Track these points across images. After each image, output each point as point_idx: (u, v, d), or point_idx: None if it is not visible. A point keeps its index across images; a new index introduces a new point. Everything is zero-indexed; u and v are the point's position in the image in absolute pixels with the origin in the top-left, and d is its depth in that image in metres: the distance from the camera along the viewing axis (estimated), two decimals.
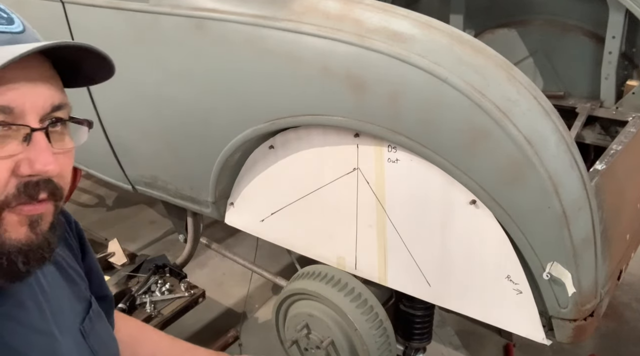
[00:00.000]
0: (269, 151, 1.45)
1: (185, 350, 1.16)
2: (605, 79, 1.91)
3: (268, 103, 1.34)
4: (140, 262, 2.04)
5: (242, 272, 2.37)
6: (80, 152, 2.27)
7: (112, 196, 3.26)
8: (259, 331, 2.26)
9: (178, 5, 1.40)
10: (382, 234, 1.36)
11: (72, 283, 0.85)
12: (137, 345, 1.09)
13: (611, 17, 1.82)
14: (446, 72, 1.09)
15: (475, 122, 1.09)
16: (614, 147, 1.50)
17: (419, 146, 1.16)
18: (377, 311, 1.42)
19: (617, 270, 1.34)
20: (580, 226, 1.12)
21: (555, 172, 1.08)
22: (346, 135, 1.30)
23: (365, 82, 1.17)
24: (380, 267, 1.41)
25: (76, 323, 0.81)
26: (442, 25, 1.17)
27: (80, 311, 0.84)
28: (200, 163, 1.57)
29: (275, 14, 1.26)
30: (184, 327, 2.18)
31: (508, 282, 1.20)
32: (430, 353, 1.69)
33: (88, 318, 0.84)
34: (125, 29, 1.54)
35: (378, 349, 1.41)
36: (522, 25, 2.14)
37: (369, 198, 1.33)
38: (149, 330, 1.17)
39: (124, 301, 1.83)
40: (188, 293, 1.95)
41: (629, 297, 2.36)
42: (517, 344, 2.11)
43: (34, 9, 1.76)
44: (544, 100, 1.12)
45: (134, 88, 1.62)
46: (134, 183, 1.88)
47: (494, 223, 1.17)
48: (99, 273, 0.99)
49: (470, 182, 1.14)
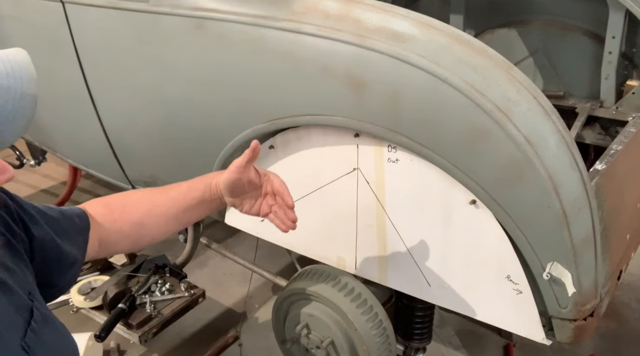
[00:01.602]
0: (269, 151, 1.45)
1: (183, 193, 1.15)
2: (605, 79, 1.91)
3: (268, 104, 1.34)
4: (140, 262, 2.04)
5: (242, 272, 2.37)
6: (81, 152, 2.28)
7: None
8: (259, 331, 2.26)
9: (178, 5, 1.40)
10: (382, 234, 1.36)
11: (8, 293, 0.78)
12: (141, 229, 1.11)
13: (611, 17, 1.82)
14: (446, 72, 1.09)
15: (475, 122, 1.09)
16: (614, 147, 1.50)
17: (419, 146, 1.16)
18: (377, 311, 1.42)
19: (617, 270, 1.34)
20: (580, 226, 1.12)
21: (555, 172, 1.08)
22: (346, 135, 1.30)
23: (365, 82, 1.17)
24: (380, 267, 1.41)
25: (17, 340, 0.75)
26: (442, 25, 1.17)
27: (21, 324, 0.77)
28: (200, 163, 1.57)
29: (275, 14, 1.26)
30: (184, 327, 2.18)
31: (508, 282, 1.20)
32: (430, 353, 1.69)
33: (30, 330, 0.78)
34: (125, 29, 1.54)
35: (378, 349, 1.41)
36: (522, 25, 2.14)
37: (369, 198, 1.33)
38: (139, 208, 1.14)
39: (124, 301, 1.83)
40: (188, 293, 1.94)
41: (629, 297, 2.36)
42: (517, 344, 2.11)
43: (34, 9, 1.76)
44: (544, 100, 1.12)
45: (134, 88, 1.62)
46: (134, 183, 1.88)
47: (494, 223, 1.17)
48: (60, 231, 0.95)
49: (470, 182, 1.14)
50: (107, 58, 1.65)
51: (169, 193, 1.16)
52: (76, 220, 1.03)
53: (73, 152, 2.10)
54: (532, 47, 2.13)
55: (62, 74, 1.81)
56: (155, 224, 1.14)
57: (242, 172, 1.10)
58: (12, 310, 0.77)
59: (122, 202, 1.14)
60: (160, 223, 1.14)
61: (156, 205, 1.14)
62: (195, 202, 1.15)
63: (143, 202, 1.15)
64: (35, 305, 0.82)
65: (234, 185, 1.12)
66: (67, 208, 1.05)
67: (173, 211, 1.14)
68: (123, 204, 1.14)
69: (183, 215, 1.15)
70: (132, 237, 1.13)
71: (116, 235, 1.10)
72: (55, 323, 0.86)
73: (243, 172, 1.10)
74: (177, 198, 1.15)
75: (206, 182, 1.15)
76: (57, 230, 0.97)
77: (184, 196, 1.15)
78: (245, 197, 1.16)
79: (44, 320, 0.82)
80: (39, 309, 0.82)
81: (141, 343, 1.83)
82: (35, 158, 2.75)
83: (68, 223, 1.01)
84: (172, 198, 1.15)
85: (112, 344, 2.15)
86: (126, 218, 1.11)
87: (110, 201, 1.14)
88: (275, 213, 1.16)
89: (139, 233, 1.13)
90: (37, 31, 1.81)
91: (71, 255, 0.99)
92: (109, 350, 2.14)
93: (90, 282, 1.97)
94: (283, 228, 1.15)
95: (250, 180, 1.13)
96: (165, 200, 1.15)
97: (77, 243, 1.02)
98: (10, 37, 1.86)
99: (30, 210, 0.93)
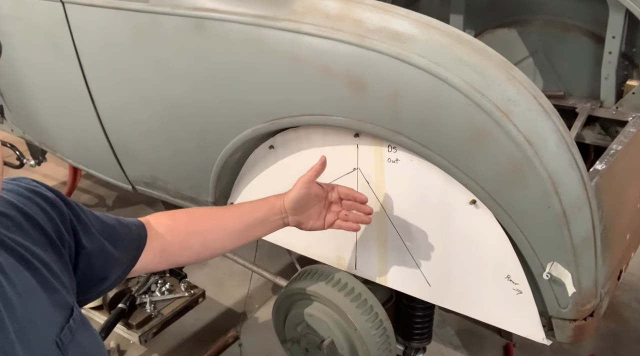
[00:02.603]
0: (269, 151, 1.45)
1: (247, 211, 1.22)
2: (605, 79, 1.91)
3: (268, 103, 1.34)
4: None
5: (242, 272, 2.37)
6: (81, 152, 2.28)
7: (112, 196, 3.26)
8: (259, 331, 2.26)
9: (178, 5, 1.40)
10: (382, 234, 1.36)
11: (50, 291, 0.80)
12: (205, 242, 1.17)
13: (611, 17, 1.81)
14: (446, 72, 1.09)
15: (475, 122, 1.09)
16: (614, 147, 1.50)
17: (419, 146, 1.16)
18: (377, 311, 1.42)
19: (617, 270, 1.34)
20: (580, 226, 1.12)
21: (555, 172, 1.08)
22: (346, 135, 1.30)
23: (365, 82, 1.17)
24: (380, 267, 1.41)
25: (52, 335, 0.76)
26: (442, 25, 1.17)
27: (59, 320, 0.79)
28: (200, 163, 1.57)
29: (275, 14, 1.26)
30: (184, 327, 2.18)
31: (508, 282, 1.20)
32: (430, 353, 1.69)
33: (67, 327, 0.79)
34: (125, 29, 1.54)
35: (378, 349, 1.41)
36: (522, 25, 2.14)
37: (369, 198, 1.33)
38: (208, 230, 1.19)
39: (124, 301, 1.83)
40: (188, 293, 1.95)
41: (629, 297, 2.36)
42: (517, 344, 2.11)
43: (34, 9, 1.76)
44: (544, 100, 1.12)
45: (134, 88, 1.62)
46: (134, 183, 1.88)
47: (494, 223, 1.17)
48: (113, 238, 0.97)
49: (470, 182, 1.14)
50: (107, 58, 1.64)
51: (233, 211, 1.24)
52: (133, 228, 1.05)
53: (73, 152, 2.10)
54: (532, 47, 2.13)
55: (62, 74, 1.81)
56: (219, 238, 1.19)
57: (310, 186, 1.18)
58: (51, 306, 0.79)
59: (188, 215, 1.21)
60: (224, 238, 1.19)
61: (221, 220, 1.20)
62: (258, 222, 1.21)
63: (208, 216, 1.21)
64: (75, 306, 0.84)
65: (303, 201, 1.19)
66: (126, 219, 1.08)
67: (237, 227, 1.20)
68: (188, 217, 1.19)
69: (246, 231, 1.21)
70: (195, 248, 1.16)
71: (179, 246, 1.14)
72: (90, 327, 0.87)
73: (311, 187, 1.18)
74: (242, 215, 1.21)
75: (270, 201, 1.22)
76: (111, 236, 0.98)
77: (248, 214, 1.21)
78: (310, 213, 1.23)
79: (82, 322, 0.83)
80: (77, 311, 0.83)
81: (141, 343, 1.83)
82: (35, 158, 2.75)
83: (125, 229, 1.04)
84: (236, 215, 1.21)
85: (112, 344, 2.15)
86: (191, 230, 1.16)
87: (176, 213, 1.18)
88: (345, 216, 1.24)
89: (203, 245, 1.17)
90: (37, 31, 1.81)
91: (121, 261, 1.01)
92: (109, 350, 2.14)
93: None
94: (355, 227, 1.25)
95: (317, 193, 1.21)
96: (230, 217, 1.21)
97: (129, 250, 1.04)
98: (10, 37, 1.86)
99: (86, 219, 0.94)
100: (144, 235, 1.07)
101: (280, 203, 1.21)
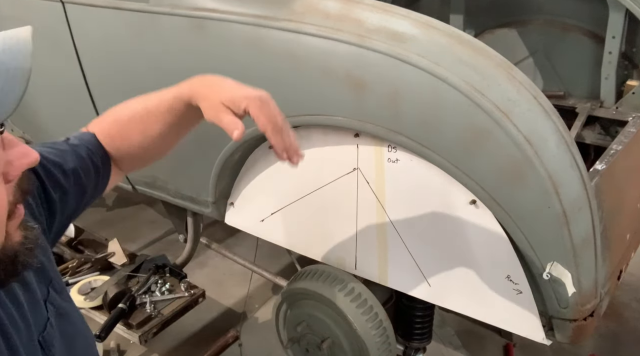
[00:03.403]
0: (269, 151, 1.45)
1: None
2: (605, 79, 1.91)
3: None
4: (140, 262, 2.04)
5: (242, 272, 2.37)
6: None
7: (112, 196, 3.26)
8: (259, 331, 2.26)
9: (178, 5, 1.40)
10: (382, 234, 1.36)
11: (27, 291, 0.77)
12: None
13: (611, 17, 1.82)
14: (446, 72, 1.09)
15: (475, 122, 1.09)
16: (614, 147, 1.50)
17: (419, 146, 1.16)
18: (377, 311, 1.42)
19: (617, 270, 1.35)
20: (580, 226, 1.12)
21: (555, 172, 1.08)
22: (346, 135, 1.30)
23: (365, 82, 1.17)
24: (380, 267, 1.41)
25: (34, 336, 0.75)
26: (442, 25, 1.17)
27: (39, 319, 0.78)
28: (200, 163, 1.57)
29: (275, 14, 1.26)
30: (184, 327, 2.18)
31: (508, 282, 1.20)
32: (430, 353, 1.69)
33: (49, 324, 0.78)
34: (125, 29, 1.54)
35: (378, 349, 1.42)
36: (522, 25, 2.14)
37: (369, 198, 1.33)
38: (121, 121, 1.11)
39: (124, 301, 1.83)
40: (188, 293, 1.94)
41: (629, 297, 2.36)
42: (517, 344, 2.11)
43: (34, 9, 1.76)
44: (544, 100, 1.12)
45: (134, 88, 1.61)
46: (134, 183, 1.88)
47: (494, 223, 1.17)
48: (72, 177, 0.94)
49: (470, 182, 1.14)
50: (107, 58, 1.64)
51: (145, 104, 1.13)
52: (92, 155, 1.04)
53: None
54: (532, 47, 2.13)
55: (62, 74, 1.81)
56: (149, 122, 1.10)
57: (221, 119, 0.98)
58: (30, 307, 0.77)
59: (118, 128, 1.12)
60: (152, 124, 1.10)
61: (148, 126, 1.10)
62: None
63: (134, 120, 1.11)
64: (49, 296, 0.82)
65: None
66: (78, 143, 1.06)
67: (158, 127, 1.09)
68: (119, 130, 1.11)
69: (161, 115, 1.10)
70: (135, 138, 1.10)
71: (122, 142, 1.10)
72: (69, 315, 0.85)
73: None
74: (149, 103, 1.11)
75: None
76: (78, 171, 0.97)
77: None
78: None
79: (59, 312, 0.82)
80: (51, 303, 0.82)
81: (141, 343, 1.83)
82: None
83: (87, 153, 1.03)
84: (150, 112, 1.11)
85: (112, 344, 2.15)
86: (127, 144, 1.10)
87: (103, 122, 1.12)
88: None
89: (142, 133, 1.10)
90: (37, 31, 1.81)
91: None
92: (109, 350, 2.14)
93: (90, 282, 1.97)
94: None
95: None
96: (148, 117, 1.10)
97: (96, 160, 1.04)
98: None
99: (55, 172, 0.91)
100: (106, 157, 1.06)
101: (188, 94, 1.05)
